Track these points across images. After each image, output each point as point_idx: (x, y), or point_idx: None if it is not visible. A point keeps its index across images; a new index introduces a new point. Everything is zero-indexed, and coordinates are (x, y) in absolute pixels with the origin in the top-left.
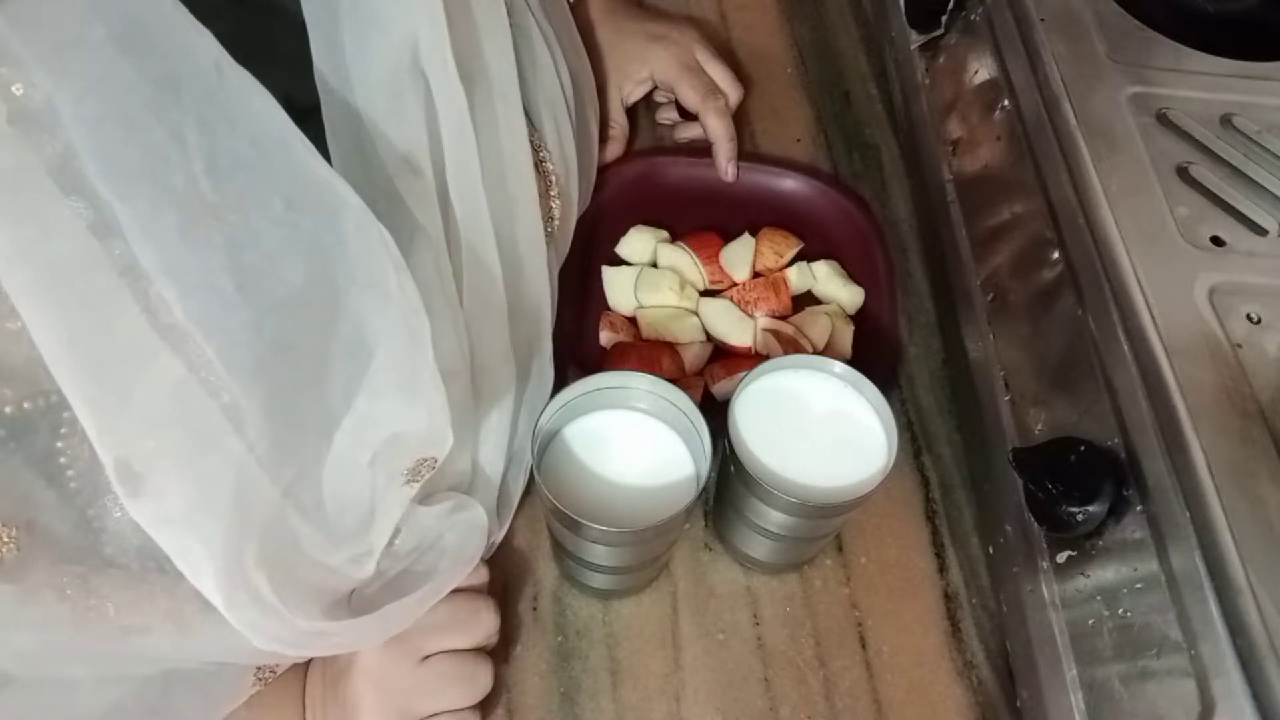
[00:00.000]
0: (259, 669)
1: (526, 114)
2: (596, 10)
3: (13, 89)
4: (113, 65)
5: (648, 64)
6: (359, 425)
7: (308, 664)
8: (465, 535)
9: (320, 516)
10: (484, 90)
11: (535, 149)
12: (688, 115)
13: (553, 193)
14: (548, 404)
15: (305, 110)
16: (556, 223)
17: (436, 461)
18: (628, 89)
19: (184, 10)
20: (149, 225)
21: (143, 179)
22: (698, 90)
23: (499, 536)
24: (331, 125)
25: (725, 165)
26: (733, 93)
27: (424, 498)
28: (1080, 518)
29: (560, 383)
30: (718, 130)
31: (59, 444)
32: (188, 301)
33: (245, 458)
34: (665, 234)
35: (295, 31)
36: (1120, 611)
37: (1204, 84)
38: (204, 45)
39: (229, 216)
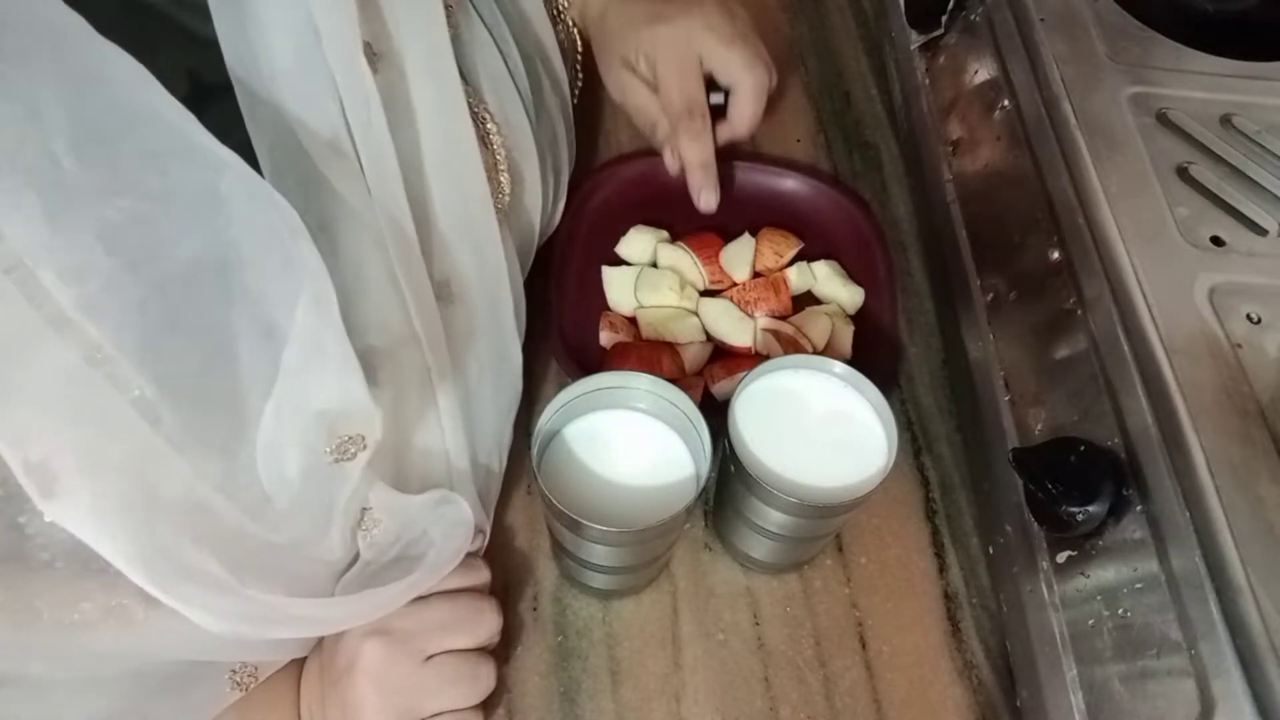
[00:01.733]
0: (233, 672)
1: (466, 82)
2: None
3: None
4: None
5: (641, 50)
6: (279, 402)
7: (302, 666)
8: (450, 529)
9: (252, 498)
10: (405, 68)
11: (480, 122)
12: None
13: (501, 168)
14: (548, 404)
15: (216, 86)
16: (507, 197)
17: (365, 440)
18: (642, 76)
19: None
20: (16, 209)
21: (3, 165)
22: (675, 104)
23: (488, 525)
24: (246, 105)
25: (698, 195)
26: (747, 79)
27: (402, 482)
28: (1080, 518)
29: (560, 383)
30: (689, 155)
31: None
32: (67, 286)
33: (156, 445)
34: (665, 234)
35: (199, 6)
36: (1120, 611)
37: (1204, 84)
38: (58, 16)
39: (100, 193)
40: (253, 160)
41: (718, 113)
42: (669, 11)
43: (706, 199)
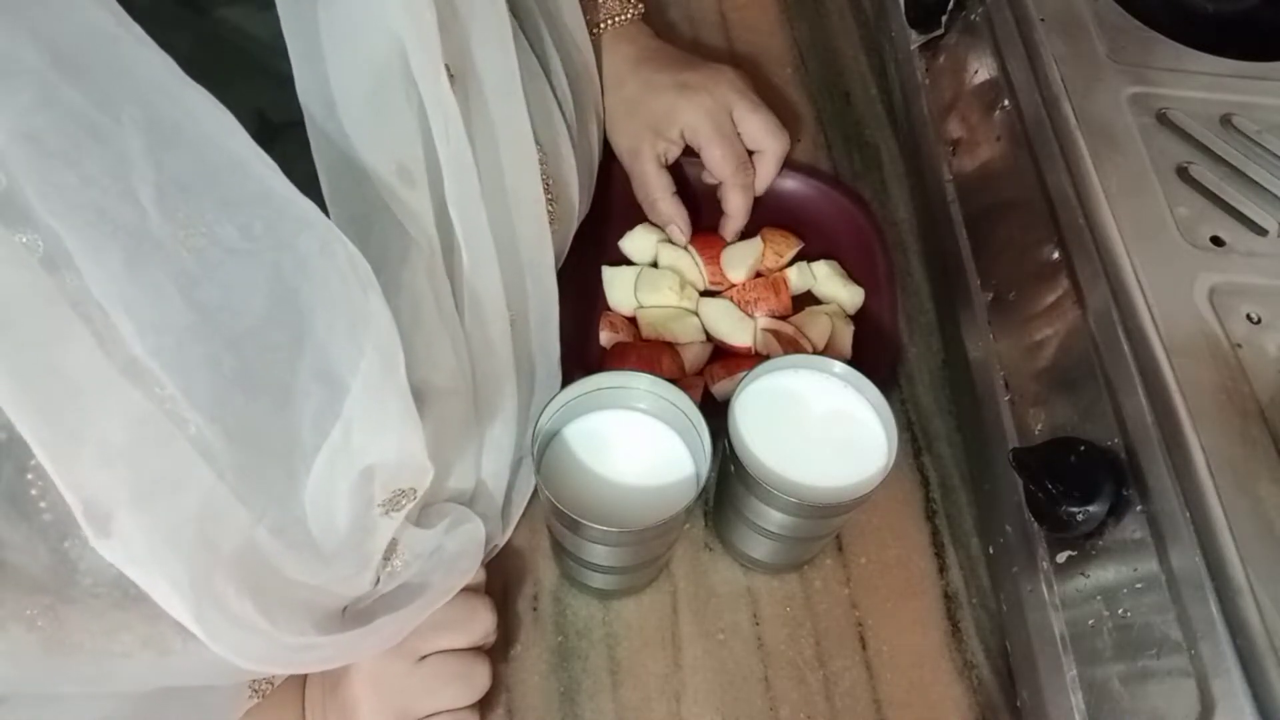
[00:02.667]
0: (254, 682)
1: None
2: (624, 61)
3: None
4: (49, 89)
5: (677, 122)
6: (334, 455)
7: None
8: (463, 546)
9: (302, 541)
10: (479, 91)
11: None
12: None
13: (549, 195)
14: (548, 404)
15: (283, 125)
16: (554, 226)
17: (416, 493)
18: (662, 147)
19: (130, 25)
20: (98, 257)
21: (86, 208)
22: (728, 161)
23: (502, 541)
24: (316, 139)
25: (730, 234)
26: (774, 146)
27: (423, 508)
28: (1080, 518)
29: (560, 383)
30: (736, 206)
31: (29, 476)
32: (144, 336)
33: (215, 487)
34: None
35: (270, 42)
36: (1120, 611)
37: (1204, 84)
38: (150, 63)
39: (181, 246)
40: (316, 193)
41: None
42: (697, 80)
43: (734, 232)
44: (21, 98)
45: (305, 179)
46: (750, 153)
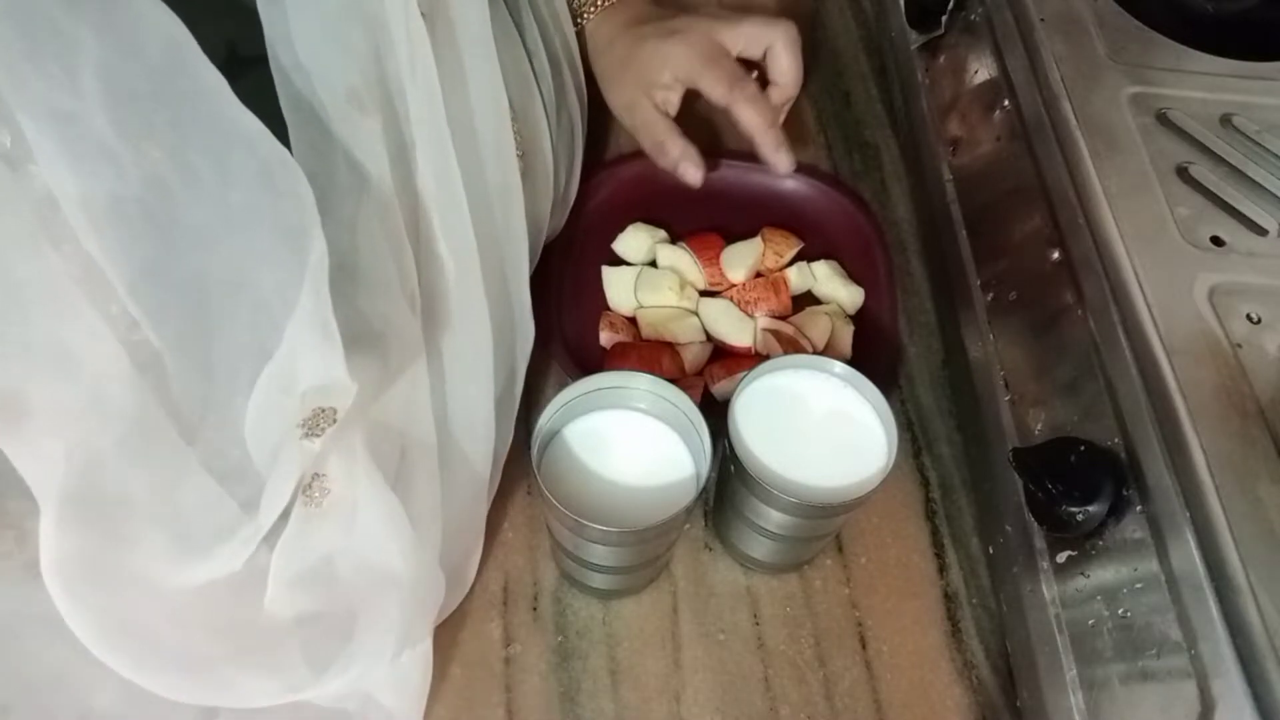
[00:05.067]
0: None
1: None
2: (615, 27)
3: None
4: None
5: (666, 65)
6: (271, 377)
7: None
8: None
9: (228, 469)
10: (450, 35)
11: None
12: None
13: (519, 153)
14: (548, 404)
15: (252, 60)
16: (527, 183)
17: (336, 413)
18: (659, 96)
19: None
20: (53, 154)
21: (46, 106)
22: (721, 81)
23: (489, 499)
24: (277, 71)
25: (773, 158)
26: (775, 36)
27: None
28: (1080, 518)
29: (560, 383)
30: (752, 121)
31: None
32: (98, 234)
33: (149, 405)
34: (664, 234)
35: None
36: (1120, 611)
37: (1204, 84)
38: None
39: (127, 153)
40: (282, 130)
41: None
42: (678, 25)
43: (783, 160)
44: None
45: (274, 115)
46: (760, 63)
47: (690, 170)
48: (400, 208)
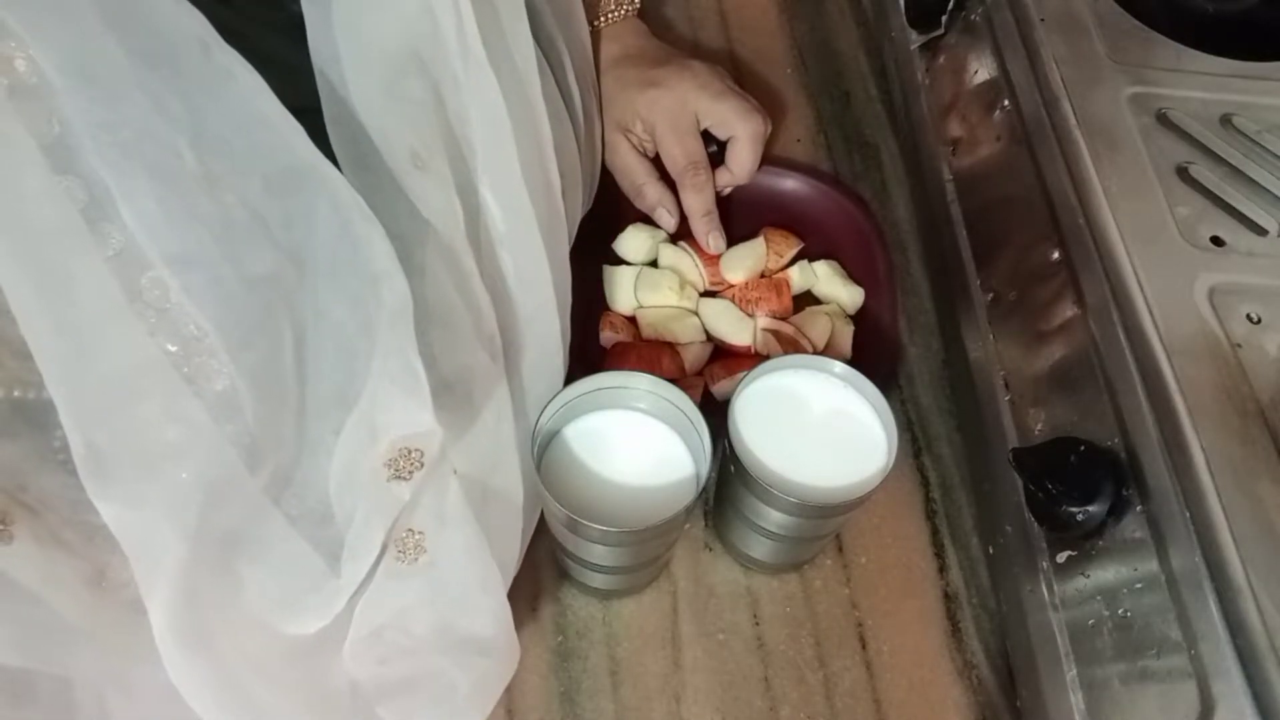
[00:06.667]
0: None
1: None
2: (605, 60)
3: (15, 63)
4: (96, 37)
5: (638, 118)
6: (355, 422)
7: None
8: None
9: (305, 512)
10: (510, 77)
11: None
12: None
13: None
14: (548, 404)
15: (296, 110)
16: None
17: (423, 455)
18: (635, 140)
19: None
20: (134, 194)
21: (131, 152)
22: (677, 161)
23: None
24: (332, 123)
25: (703, 240)
26: (744, 128)
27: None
28: (1080, 518)
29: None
30: (692, 205)
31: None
32: (175, 274)
33: (225, 448)
34: (663, 234)
35: (290, 33)
36: (1120, 611)
37: (1204, 84)
38: (189, 22)
39: (213, 189)
40: None
41: (715, 161)
42: (661, 76)
43: (715, 242)
44: (71, 41)
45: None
46: (725, 143)
47: (665, 217)
48: (470, 253)
